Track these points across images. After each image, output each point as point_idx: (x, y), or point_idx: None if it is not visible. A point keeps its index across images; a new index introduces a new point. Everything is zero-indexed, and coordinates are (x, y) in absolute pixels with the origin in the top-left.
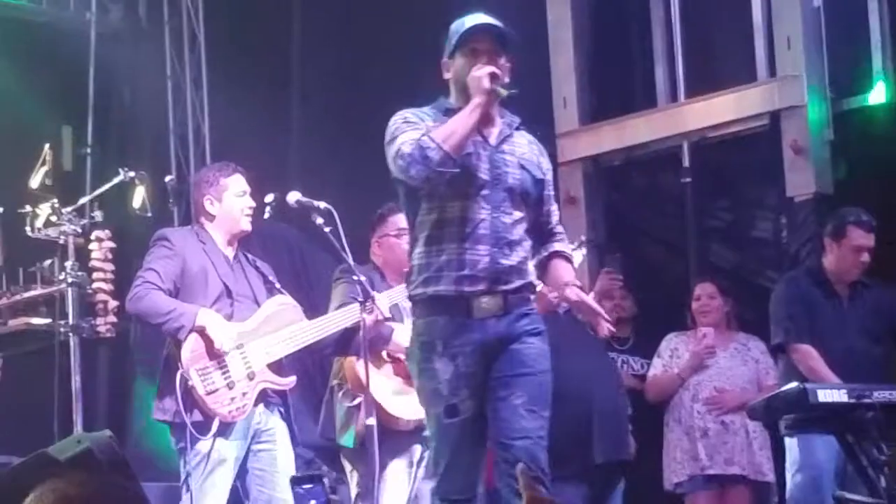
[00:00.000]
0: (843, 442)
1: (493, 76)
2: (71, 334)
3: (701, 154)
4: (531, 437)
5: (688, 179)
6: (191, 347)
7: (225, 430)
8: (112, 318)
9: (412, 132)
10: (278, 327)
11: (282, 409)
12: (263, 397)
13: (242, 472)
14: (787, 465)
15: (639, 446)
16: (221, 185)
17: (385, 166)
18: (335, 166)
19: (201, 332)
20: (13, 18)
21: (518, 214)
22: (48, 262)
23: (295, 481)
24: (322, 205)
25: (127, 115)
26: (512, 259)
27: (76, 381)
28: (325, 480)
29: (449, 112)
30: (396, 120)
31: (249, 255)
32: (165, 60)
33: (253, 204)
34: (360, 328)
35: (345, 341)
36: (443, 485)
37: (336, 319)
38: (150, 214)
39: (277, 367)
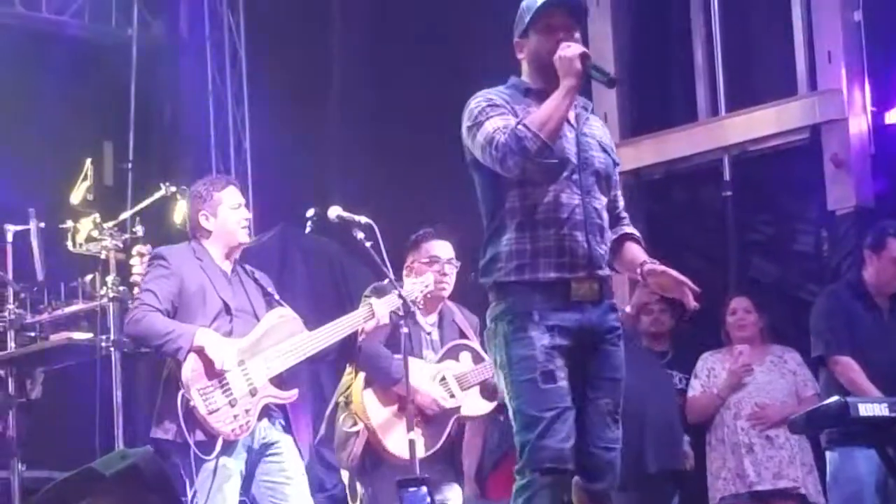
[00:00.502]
0: (884, 456)
1: (584, 56)
2: (112, 349)
3: (742, 168)
4: (615, 447)
5: (728, 193)
6: (191, 367)
7: (229, 447)
8: None
9: (499, 119)
10: (278, 341)
11: (283, 422)
12: (266, 412)
13: (251, 487)
14: (828, 478)
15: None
16: (215, 200)
17: (430, 172)
18: (376, 180)
19: (200, 351)
20: (55, 34)
21: (604, 199)
22: (90, 277)
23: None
24: (363, 219)
25: (168, 130)
26: (603, 245)
27: (117, 395)
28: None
29: (529, 93)
30: (479, 103)
31: (248, 268)
32: (207, 76)
33: (248, 215)
34: (354, 335)
35: (346, 348)
36: (539, 453)
37: (336, 329)
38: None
39: (279, 381)
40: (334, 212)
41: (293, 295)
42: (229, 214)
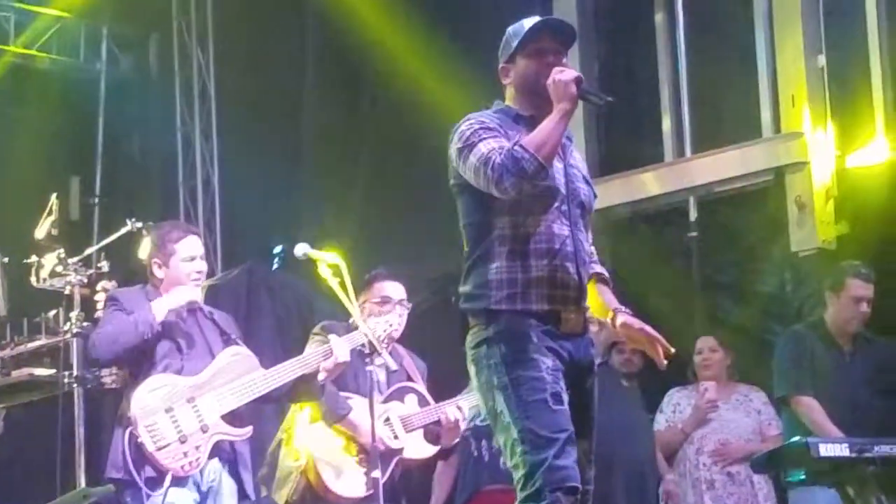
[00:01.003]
0: (844, 496)
1: (578, 80)
2: (75, 385)
3: (707, 209)
4: (590, 488)
5: (694, 234)
6: (140, 405)
7: (179, 482)
8: (117, 370)
9: (493, 140)
10: (232, 378)
11: (231, 465)
12: (218, 451)
13: None
14: None
15: None
16: (168, 250)
17: (400, 210)
18: (346, 218)
19: (150, 389)
20: (23, 67)
21: (586, 231)
22: (53, 312)
23: None
24: (330, 257)
25: (136, 165)
26: (586, 278)
27: (80, 433)
28: None
29: (520, 119)
30: (472, 125)
31: (206, 308)
32: (175, 111)
33: (203, 268)
34: (314, 374)
35: (298, 387)
36: (559, 473)
37: (292, 368)
38: None
39: (232, 419)
40: (301, 249)
41: (259, 332)
42: (181, 266)
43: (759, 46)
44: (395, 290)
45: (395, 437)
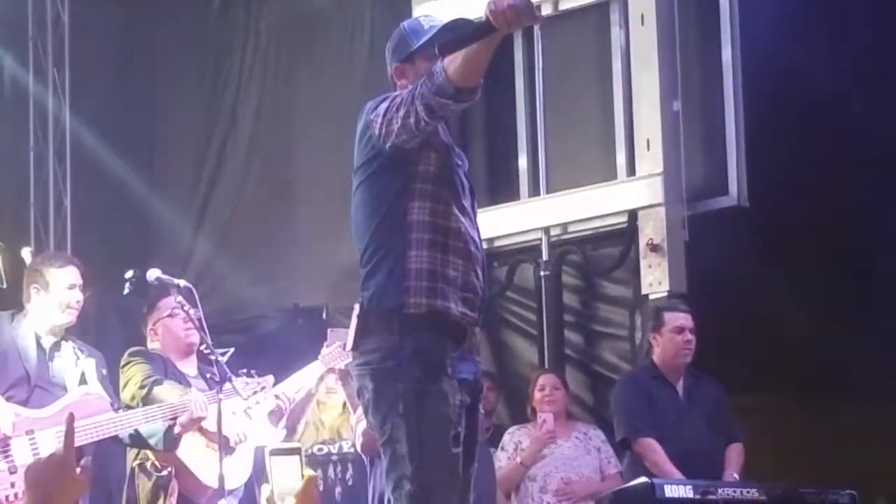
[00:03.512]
0: None
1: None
2: None
3: (561, 248)
4: None
5: (547, 272)
6: None
7: None
8: None
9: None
10: (78, 417)
11: None
12: None
13: None
14: None
15: None
16: (47, 277)
17: (255, 236)
18: (199, 243)
19: None
20: None
21: None
22: None
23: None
24: (182, 283)
25: None
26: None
27: None
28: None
29: None
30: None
31: (76, 344)
32: (28, 132)
33: (80, 298)
34: (171, 427)
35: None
36: None
37: (140, 417)
38: (4, 286)
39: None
40: (153, 274)
41: (109, 358)
42: (59, 295)
43: (617, 89)
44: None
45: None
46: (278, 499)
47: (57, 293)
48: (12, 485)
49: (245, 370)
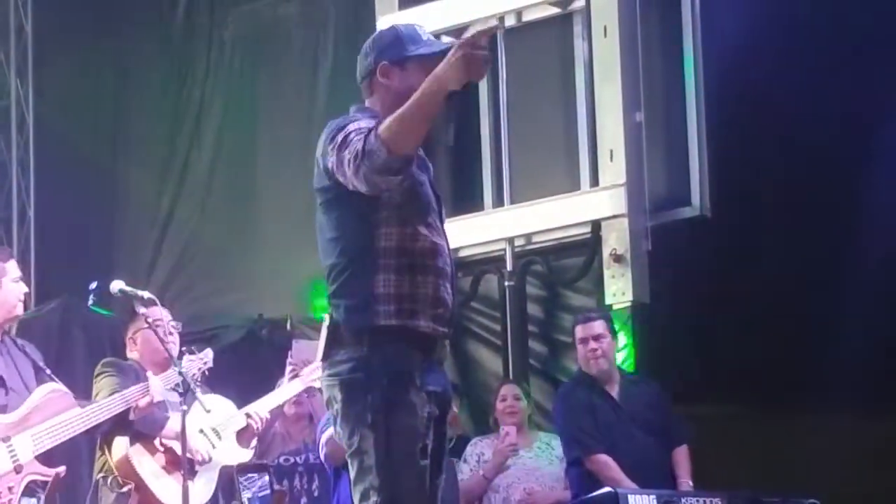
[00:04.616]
0: None
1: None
2: None
3: (524, 258)
4: None
5: (511, 283)
6: None
7: None
8: None
9: (364, 122)
10: (47, 417)
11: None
12: (30, 490)
13: None
14: None
15: None
16: (0, 270)
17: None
18: (165, 254)
19: None
20: None
21: None
22: None
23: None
24: (146, 294)
25: None
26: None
27: None
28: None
29: None
30: (360, 125)
31: (19, 341)
32: None
33: (27, 289)
34: (126, 412)
35: (117, 424)
36: None
37: (107, 406)
38: None
39: (46, 458)
40: (117, 285)
41: (73, 367)
42: (11, 287)
43: (580, 100)
44: (165, 313)
45: (214, 447)
46: None
47: (10, 286)
48: None
49: (185, 348)
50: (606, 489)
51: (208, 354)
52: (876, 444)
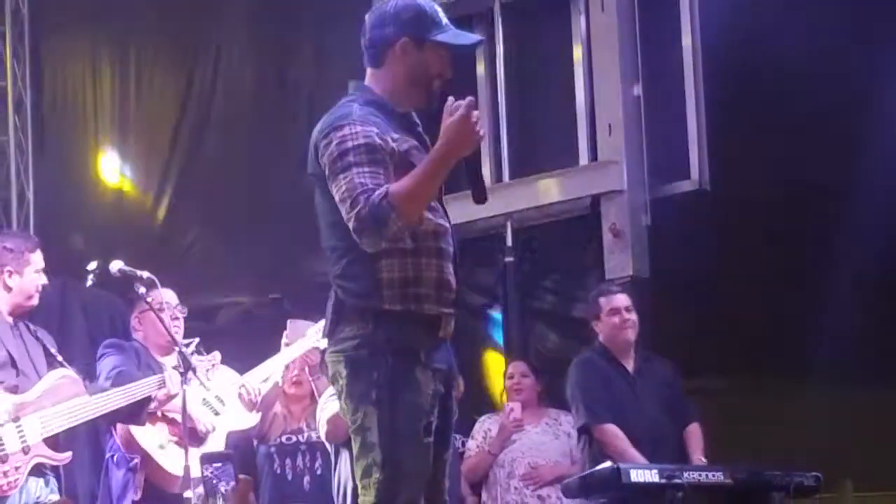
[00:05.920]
0: None
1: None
2: None
3: (524, 234)
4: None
5: (510, 259)
6: None
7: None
8: None
9: (368, 175)
10: (58, 401)
11: (56, 482)
12: (37, 470)
13: None
14: None
15: None
16: (24, 260)
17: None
18: (163, 233)
19: None
20: None
21: None
22: None
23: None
24: (145, 274)
25: None
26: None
27: None
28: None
29: (394, 116)
30: (355, 134)
31: (32, 326)
32: None
33: (46, 282)
34: (145, 401)
35: (132, 412)
36: None
37: (119, 396)
38: None
39: (53, 442)
40: (116, 265)
41: (72, 349)
42: (33, 278)
43: (578, 74)
44: (170, 296)
45: (217, 414)
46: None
47: (32, 277)
48: (4, 473)
49: (190, 341)
50: (608, 464)
51: (216, 356)
52: (877, 415)
